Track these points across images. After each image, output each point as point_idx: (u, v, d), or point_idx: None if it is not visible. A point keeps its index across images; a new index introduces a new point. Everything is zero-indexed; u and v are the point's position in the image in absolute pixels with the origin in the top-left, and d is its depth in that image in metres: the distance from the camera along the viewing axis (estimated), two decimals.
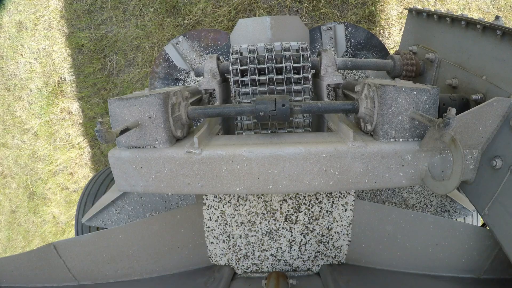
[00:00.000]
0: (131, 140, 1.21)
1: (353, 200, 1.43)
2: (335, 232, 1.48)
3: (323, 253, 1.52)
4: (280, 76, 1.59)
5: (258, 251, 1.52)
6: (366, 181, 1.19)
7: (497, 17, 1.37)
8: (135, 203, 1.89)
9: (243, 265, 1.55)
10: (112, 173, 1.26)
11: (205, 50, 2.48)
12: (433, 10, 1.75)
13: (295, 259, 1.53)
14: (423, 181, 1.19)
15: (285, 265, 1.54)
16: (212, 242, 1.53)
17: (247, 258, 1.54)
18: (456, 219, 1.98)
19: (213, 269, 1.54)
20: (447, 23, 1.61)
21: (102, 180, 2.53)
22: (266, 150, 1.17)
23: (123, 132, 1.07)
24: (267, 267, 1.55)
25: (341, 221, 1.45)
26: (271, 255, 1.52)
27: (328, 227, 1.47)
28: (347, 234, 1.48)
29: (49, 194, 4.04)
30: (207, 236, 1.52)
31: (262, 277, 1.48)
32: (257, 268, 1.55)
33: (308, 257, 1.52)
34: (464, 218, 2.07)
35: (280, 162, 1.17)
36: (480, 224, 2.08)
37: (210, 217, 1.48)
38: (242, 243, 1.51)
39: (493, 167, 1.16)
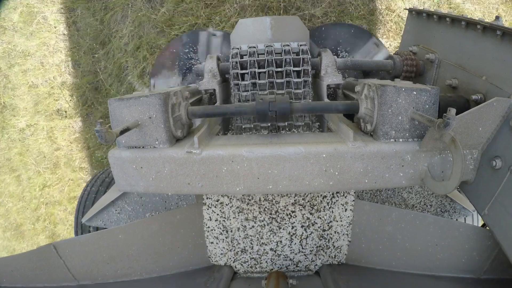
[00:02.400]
0: (131, 140, 1.21)
1: (353, 200, 1.43)
2: (335, 232, 1.48)
3: (324, 249, 1.51)
4: (280, 80, 1.60)
5: (257, 245, 1.51)
6: (366, 181, 1.19)
7: (497, 18, 1.38)
8: (135, 203, 1.89)
9: (240, 259, 1.54)
10: (112, 173, 1.26)
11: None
12: (433, 10, 1.75)
13: (296, 254, 1.52)
14: (423, 182, 1.19)
15: (285, 259, 1.53)
16: (212, 242, 1.53)
17: (245, 252, 1.53)
18: (456, 220, 1.98)
19: (213, 269, 1.54)
20: (447, 24, 1.61)
21: (102, 180, 2.54)
22: (266, 150, 1.17)
23: (123, 132, 1.07)
24: (266, 261, 1.54)
25: (341, 221, 1.45)
26: (271, 249, 1.51)
27: (329, 223, 1.46)
28: (347, 234, 1.48)
29: (18, 101, 3.97)
30: (207, 236, 1.52)
31: (262, 277, 1.48)
32: (256, 263, 1.54)
33: (310, 251, 1.51)
34: (464, 218, 2.07)
35: (280, 162, 1.17)
36: (480, 224, 2.08)
37: (210, 217, 1.48)
38: (240, 236, 1.49)
39: (493, 167, 1.16)
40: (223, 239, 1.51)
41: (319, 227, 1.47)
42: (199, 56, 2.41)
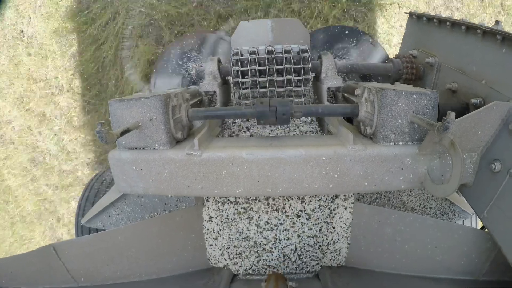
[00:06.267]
0: (131, 141, 1.21)
1: (352, 203, 1.43)
2: (334, 231, 1.48)
3: (331, 228, 1.47)
4: (280, 78, 1.60)
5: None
6: (366, 184, 1.19)
7: (497, 22, 1.38)
8: (135, 204, 1.89)
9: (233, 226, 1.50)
10: (112, 174, 1.26)
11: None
12: (433, 14, 1.76)
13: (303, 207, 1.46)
14: (422, 185, 1.19)
15: (289, 227, 1.47)
16: (211, 245, 1.53)
17: (235, 220, 1.49)
18: (455, 222, 1.98)
19: (212, 271, 1.54)
20: (447, 28, 1.61)
21: (101, 181, 2.53)
22: (266, 152, 1.18)
23: (123, 133, 1.08)
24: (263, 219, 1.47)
25: (340, 222, 1.46)
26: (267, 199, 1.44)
27: (334, 198, 1.44)
28: (347, 237, 1.48)
29: None
30: (206, 238, 1.52)
31: (261, 279, 1.48)
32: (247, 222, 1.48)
33: (318, 222, 1.47)
34: (463, 221, 2.07)
35: (280, 165, 1.18)
36: (479, 227, 2.08)
37: (209, 218, 1.48)
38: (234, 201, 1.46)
39: (492, 171, 1.16)
40: (218, 222, 1.50)
41: (324, 203, 1.45)
42: (202, 58, 2.39)
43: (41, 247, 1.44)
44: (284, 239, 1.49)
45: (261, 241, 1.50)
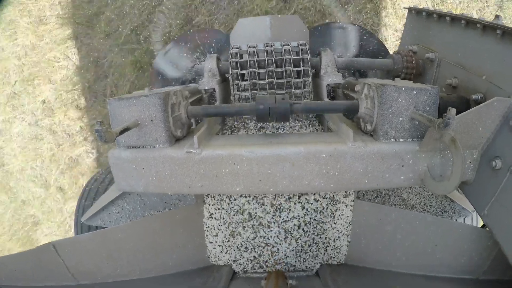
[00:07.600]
0: (131, 140, 1.21)
1: (353, 200, 1.43)
2: (333, 229, 1.47)
3: (333, 222, 1.45)
4: (280, 80, 1.60)
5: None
6: (366, 181, 1.19)
7: (497, 16, 1.37)
8: (135, 203, 1.89)
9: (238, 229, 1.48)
10: (112, 172, 1.26)
11: (196, 52, 2.34)
12: (433, 9, 1.75)
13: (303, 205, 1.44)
14: (423, 182, 1.18)
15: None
16: (211, 242, 1.53)
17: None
18: (456, 220, 1.98)
19: (212, 269, 1.54)
20: (447, 23, 1.60)
21: (102, 179, 2.53)
22: (266, 150, 1.17)
23: (122, 132, 1.07)
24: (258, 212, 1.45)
25: (340, 220, 1.45)
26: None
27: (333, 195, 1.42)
28: (347, 235, 1.48)
29: None
30: (207, 235, 1.51)
31: (262, 277, 1.48)
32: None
33: (324, 197, 1.44)
34: (464, 218, 2.06)
35: (280, 162, 1.17)
36: (479, 225, 2.08)
37: (210, 215, 1.48)
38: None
39: (493, 168, 1.16)
40: (223, 229, 1.48)
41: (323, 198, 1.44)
42: (174, 76, 2.33)
43: (41, 245, 1.44)
44: (285, 209, 1.44)
45: (256, 213, 1.46)
